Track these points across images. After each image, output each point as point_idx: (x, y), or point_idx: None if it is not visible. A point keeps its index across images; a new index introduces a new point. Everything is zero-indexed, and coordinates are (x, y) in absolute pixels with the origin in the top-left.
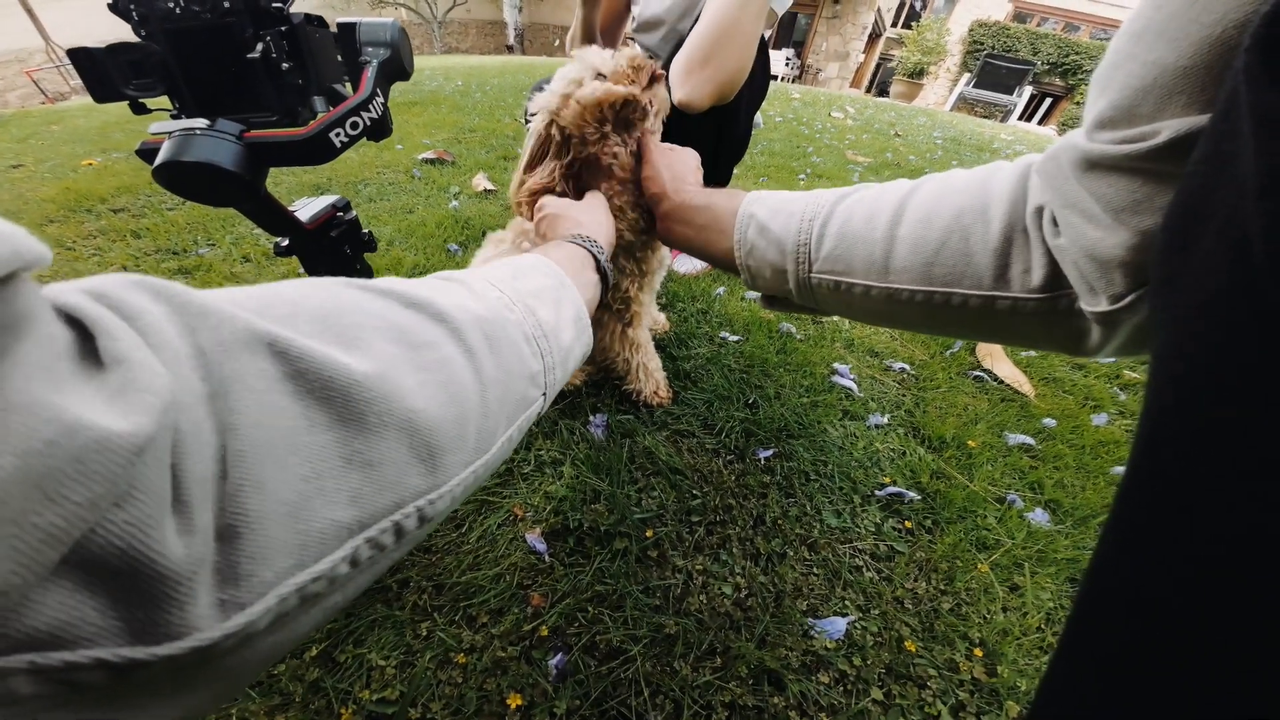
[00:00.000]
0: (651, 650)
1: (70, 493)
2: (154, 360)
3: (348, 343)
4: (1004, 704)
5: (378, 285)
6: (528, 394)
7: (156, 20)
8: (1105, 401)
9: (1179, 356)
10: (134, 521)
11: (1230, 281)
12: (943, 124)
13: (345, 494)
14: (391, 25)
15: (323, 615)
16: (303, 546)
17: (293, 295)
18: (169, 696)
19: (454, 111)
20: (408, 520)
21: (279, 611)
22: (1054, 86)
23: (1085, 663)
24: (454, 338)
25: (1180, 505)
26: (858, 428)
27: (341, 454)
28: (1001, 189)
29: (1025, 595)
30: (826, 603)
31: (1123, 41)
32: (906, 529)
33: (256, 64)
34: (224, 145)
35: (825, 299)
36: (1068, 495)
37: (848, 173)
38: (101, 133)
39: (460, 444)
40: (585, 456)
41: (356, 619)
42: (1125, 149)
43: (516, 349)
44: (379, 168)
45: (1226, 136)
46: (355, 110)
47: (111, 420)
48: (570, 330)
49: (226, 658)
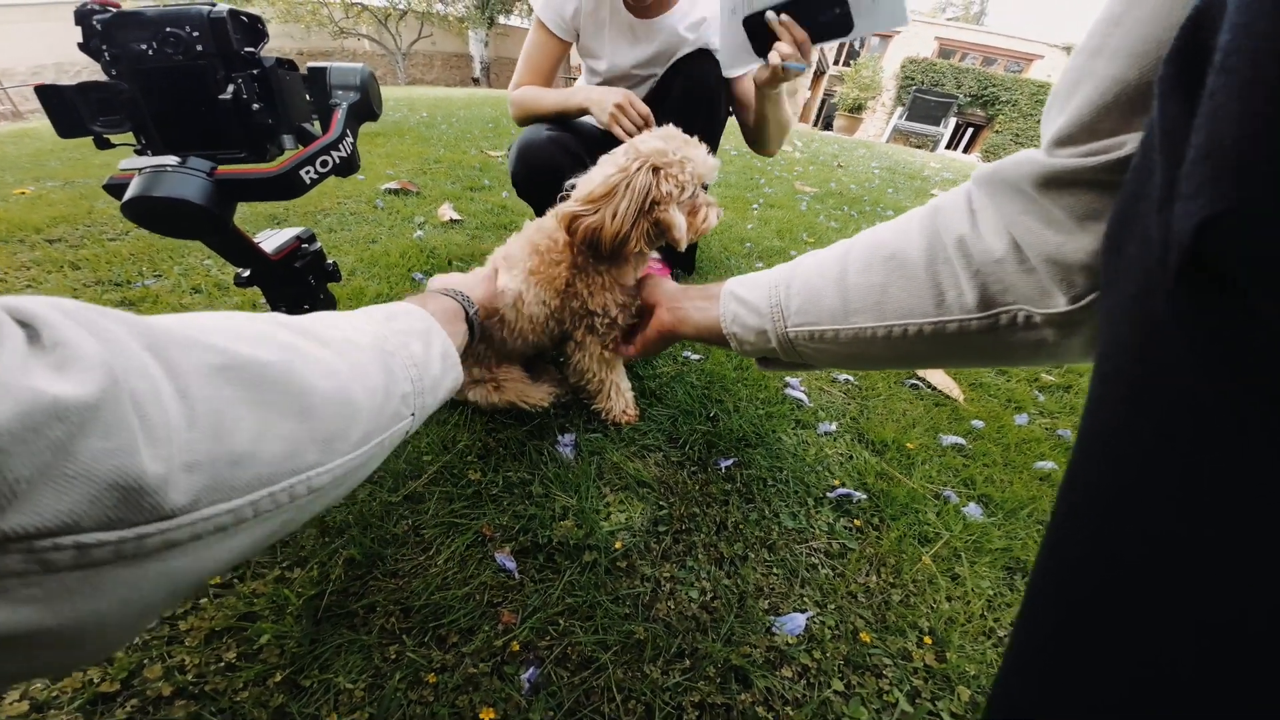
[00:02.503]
0: (622, 657)
1: (39, 439)
2: (90, 339)
3: (263, 349)
4: (955, 688)
5: (281, 319)
6: (400, 411)
7: (128, 61)
8: (1026, 403)
9: (1107, 356)
10: (117, 449)
11: (1143, 286)
12: (880, 155)
13: (267, 458)
14: (361, 70)
15: (225, 554)
16: (231, 487)
17: (212, 321)
18: (107, 582)
19: (419, 143)
20: (299, 486)
21: (197, 531)
22: (976, 117)
23: (1030, 656)
24: (340, 358)
25: (1101, 504)
26: (809, 435)
27: (269, 429)
28: (918, 230)
29: (966, 584)
30: (786, 600)
31: (1080, 59)
32: (856, 527)
33: (227, 104)
34: (194, 181)
35: (805, 349)
36: (997, 490)
37: (796, 201)
38: (35, 160)
39: (345, 437)
40: (554, 475)
41: (321, 644)
42: (1089, 162)
43: (392, 374)
44: (339, 198)
45: (1149, 147)
46: (325, 149)
47: (62, 388)
48: (438, 365)
49: (154, 556)
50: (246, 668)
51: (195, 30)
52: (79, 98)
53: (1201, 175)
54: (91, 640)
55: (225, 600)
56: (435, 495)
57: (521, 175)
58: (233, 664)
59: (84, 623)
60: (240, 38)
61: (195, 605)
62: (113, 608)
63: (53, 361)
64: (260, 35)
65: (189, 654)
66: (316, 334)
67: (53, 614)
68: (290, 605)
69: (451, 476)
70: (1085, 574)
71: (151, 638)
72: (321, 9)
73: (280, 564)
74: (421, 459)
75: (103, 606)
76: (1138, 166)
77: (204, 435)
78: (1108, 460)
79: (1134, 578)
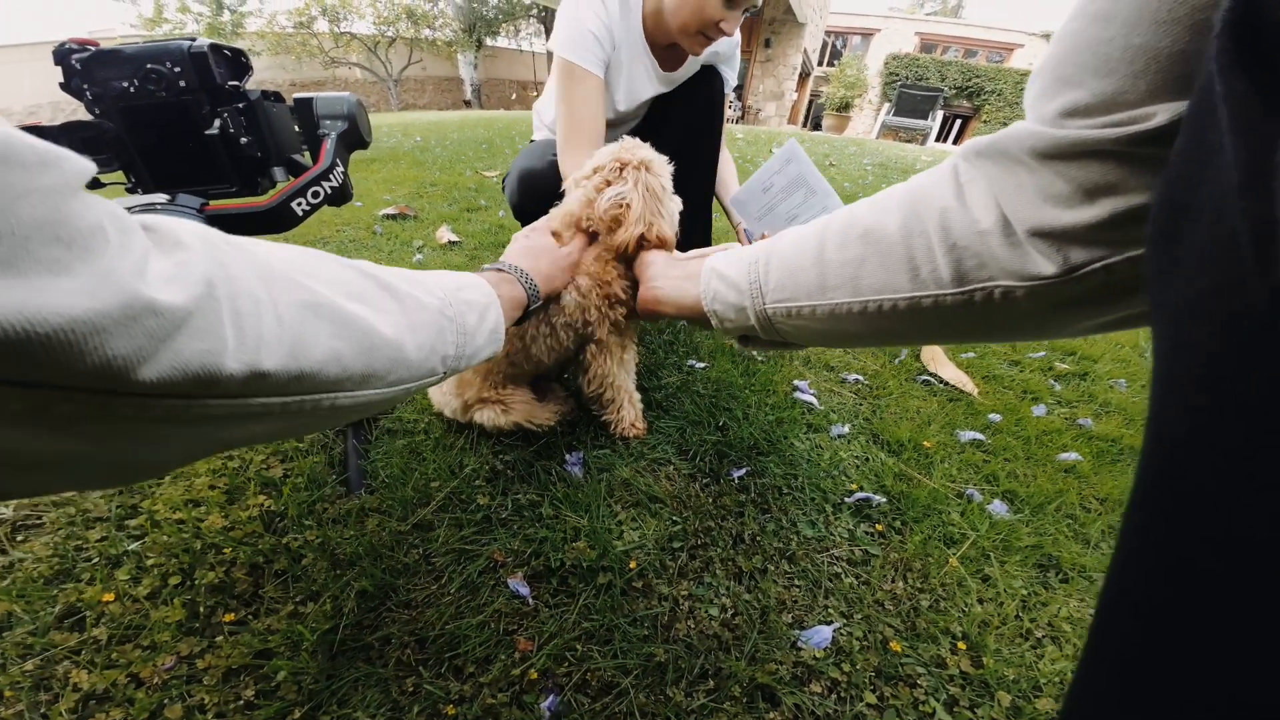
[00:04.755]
0: (644, 681)
1: (136, 326)
2: (203, 261)
3: (347, 296)
4: (995, 694)
5: (369, 268)
6: (435, 368)
7: (111, 99)
8: (1043, 393)
9: (1172, 356)
10: (206, 350)
11: (1222, 279)
12: (870, 151)
13: (319, 378)
14: (348, 98)
15: (241, 435)
16: (281, 388)
17: (315, 264)
18: (145, 430)
19: (414, 167)
20: (324, 401)
21: (236, 412)
22: (962, 108)
23: (1105, 669)
24: (405, 314)
25: (1177, 511)
26: (822, 439)
27: (332, 358)
28: (896, 205)
29: (997, 585)
30: (811, 613)
31: (1081, 24)
32: (878, 532)
33: (215, 139)
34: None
35: (783, 325)
36: (1021, 485)
37: None
38: None
39: (384, 378)
40: (564, 495)
41: (338, 679)
42: (1110, 134)
43: (443, 335)
44: (338, 225)
45: (1208, 127)
46: (316, 180)
47: (163, 293)
48: (484, 338)
49: (193, 423)
50: (265, 705)
51: (177, 66)
52: (64, 138)
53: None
54: (110, 470)
55: (241, 638)
56: (445, 522)
57: (523, 203)
58: (252, 702)
59: (118, 457)
60: (224, 71)
61: (212, 644)
62: (141, 450)
63: (167, 270)
64: (244, 68)
65: (208, 693)
66: (394, 288)
67: (93, 445)
68: (305, 641)
69: (460, 502)
70: (1163, 594)
71: (170, 678)
72: (311, 39)
73: (293, 599)
74: (429, 485)
75: (131, 448)
76: (1190, 148)
77: (284, 351)
78: (1189, 469)
79: (1220, 596)
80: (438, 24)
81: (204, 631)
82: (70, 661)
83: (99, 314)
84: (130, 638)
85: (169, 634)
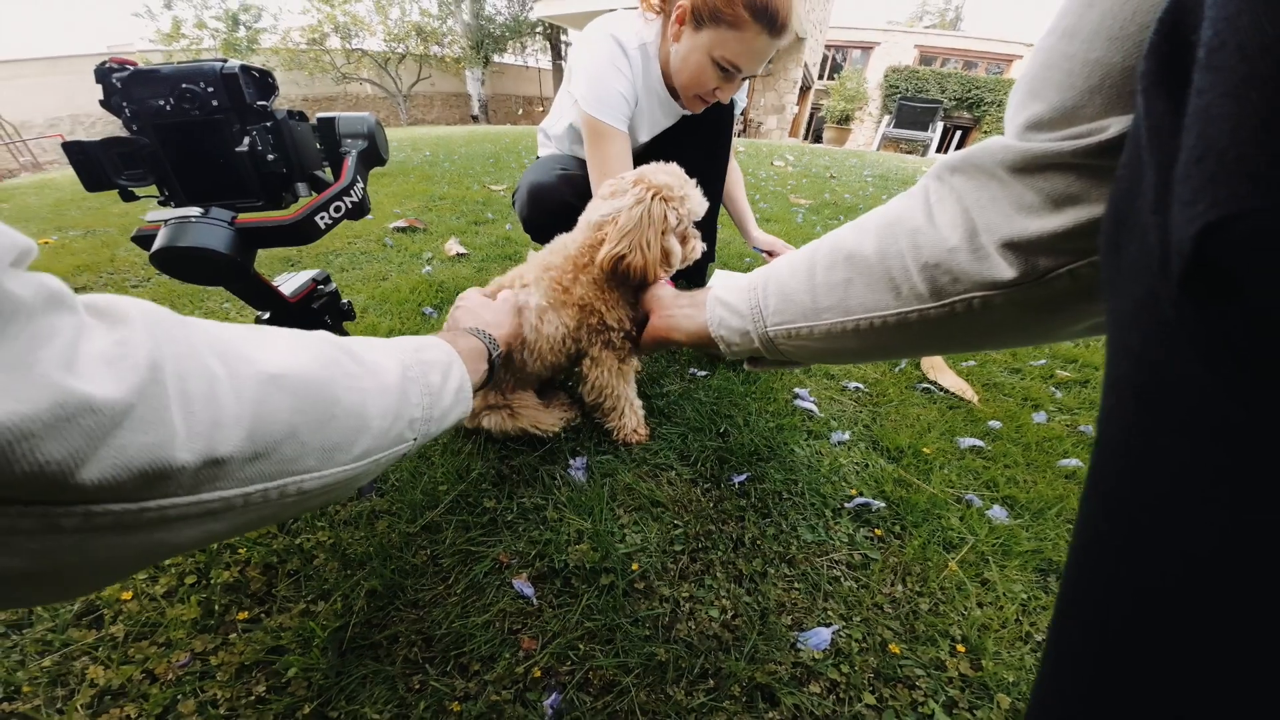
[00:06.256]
0: (645, 680)
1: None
2: (146, 343)
3: (312, 361)
4: (994, 696)
5: (329, 337)
6: (404, 434)
7: (147, 116)
8: (1044, 400)
9: (1116, 361)
10: (153, 443)
11: (1146, 292)
12: (871, 163)
13: (278, 456)
14: (368, 119)
15: (199, 534)
16: (238, 478)
17: (275, 335)
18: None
19: (423, 181)
20: (290, 487)
21: (189, 512)
22: (963, 119)
23: (1067, 665)
24: (369, 377)
25: (1121, 511)
26: (822, 445)
27: (293, 432)
28: (873, 228)
29: (997, 589)
30: (810, 615)
31: (1052, 40)
32: (877, 536)
33: (244, 155)
34: (217, 231)
35: (785, 346)
36: (1021, 490)
37: (792, 215)
38: (56, 210)
39: (348, 450)
40: (568, 499)
41: (346, 676)
42: (1068, 146)
43: (406, 398)
44: (350, 238)
45: (1138, 144)
46: (338, 195)
47: (96, 387)
48: (451, 398)
49: (145, 529)
50: (276, 700)
51: (209, 86)
52: (103, 153)
53: (1198, 179)
54: (56, 586)
55: (253, 635)
56: (452, 524)
57: (533, 217)
58: (263, 697)
59: (59, 571)
60: (253, 91)
61: (225, 641)
62: (87, 563)
63: (106, 349)
64: (271, 89)
65: (220, 689)
66: (355, 353)
67: (34, 562)
68: (316, 638)
69: (467, 505)
70: (1115, 596)
71: (185, 674)
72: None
73: (305, 598)
74: (437, 489)
75: (79, 561)
76: (1128, 163)
77: (242, 433)
78: (1127, 469)
79: (1165, 598)
80: (446, 41)
81: (218, 629)
82: (88, 658)
83: (26, 417)
84: (146, 635)
85: (184, 631)
